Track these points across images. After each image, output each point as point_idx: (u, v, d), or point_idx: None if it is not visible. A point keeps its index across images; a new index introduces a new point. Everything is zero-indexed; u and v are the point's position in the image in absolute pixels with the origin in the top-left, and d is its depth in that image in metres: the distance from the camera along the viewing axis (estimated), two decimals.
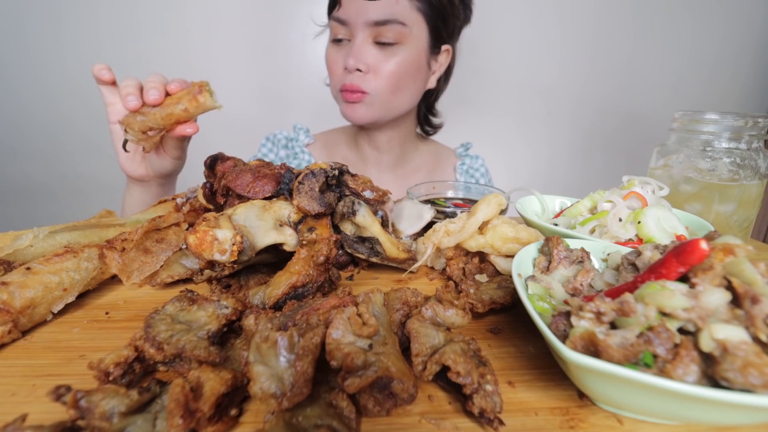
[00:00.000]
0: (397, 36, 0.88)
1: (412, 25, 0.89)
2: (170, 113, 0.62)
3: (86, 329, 0.42)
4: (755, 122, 0.64)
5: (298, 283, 0.42)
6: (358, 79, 0.91)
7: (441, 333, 0.35)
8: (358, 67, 0.89)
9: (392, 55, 0.90)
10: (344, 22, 0.89)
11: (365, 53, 0.89)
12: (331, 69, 0.97)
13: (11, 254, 0.48)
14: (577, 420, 0.31)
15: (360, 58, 0.89)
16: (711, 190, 0.66)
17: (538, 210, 0.68)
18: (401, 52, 0.90)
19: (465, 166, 1.20)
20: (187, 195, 0.64)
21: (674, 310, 0.28)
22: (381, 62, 0.90)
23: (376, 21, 0.86)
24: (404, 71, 0.92)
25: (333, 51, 0.96)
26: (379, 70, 0.90)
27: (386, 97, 0.94)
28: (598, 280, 0.40)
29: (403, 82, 0.94)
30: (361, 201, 0.53)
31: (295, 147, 1.14)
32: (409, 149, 1.15)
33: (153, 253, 0.52)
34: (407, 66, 0.92)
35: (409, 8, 0.88)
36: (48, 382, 0.34)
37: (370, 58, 0.90)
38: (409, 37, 0.90)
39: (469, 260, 0.54)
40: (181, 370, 0.34)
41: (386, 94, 0.93)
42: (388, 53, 0.90)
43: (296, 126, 1.18)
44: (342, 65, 0.92)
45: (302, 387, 0.27)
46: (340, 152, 1.17)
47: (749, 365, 0.25)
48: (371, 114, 0.95)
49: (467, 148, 1.22)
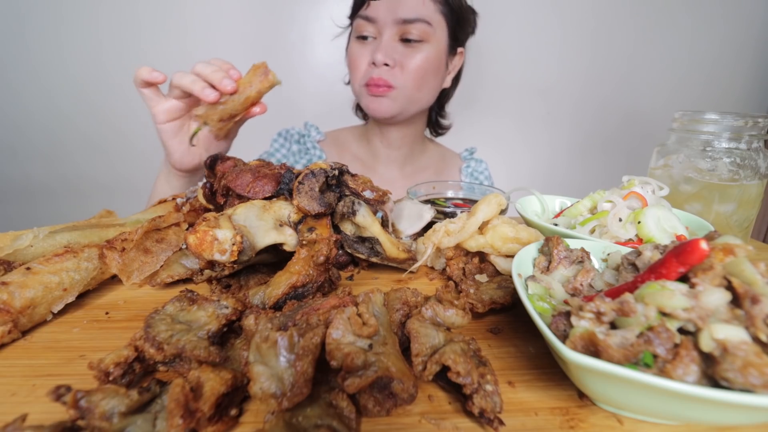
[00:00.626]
0: (422, 34, 0.94)
1: (436, 26, 0.96)
2: (247, 97, 0.66)
3: (86, 329, 0.42)
4: (755, 122, 0.64)
5: (298, 283, 0.42)
6: (386, 74, 0.95)
7: (441, 333, 0.35)
8: (386, 61, 0.94)
9: (418, 51, 0.96)
10: (372, 20, 0.95)
11: (393, 49, 0.95)
12: (355, 65, 1.01)
13: (11, 254, 0.48)
14: (577, 420, 0.31)
15: (388, 53, 0.94)
16: (711, 190, 0.66)
17: (538, 210, 0.68)
18: (426, 49, 0.96)
19: (470, 169, 1.24)
20: (187, 195, 0.64)
21: (674, 310, 0.28)
22: (407, 58, 0.95)
23: (404, 19, 0.92)
24: (428, 67, 0.97)
25: (357, 47, 1.00)
26: (406, 66, 0.95)
27: (411, 92, 0.99)
28: (598, 280, 0.40)
29: (427, 78, 0.99)
30: (361, 201, 0.53)
31: (307, 143, 1.17)
32: (417, 149, 1.20)
33: (153, 253, 0.52)
34: (431, 63, 0.97)
35: (434, 10, 0.95)
36: (48, 382, 0.34)
37: (398, 54, 0.95)
38: (433, 36, 0.96)
39: (469, 260, 0.54)
40: (181, 370, 0.34)
41: (411, 88, 0.98)
42: (414, 50, 0.95)
43: (307, 123, 1.21)
44: (367, 61, 0.98)
45: (302, 387, 0.27)
46: (350, 149, 1.21)
47: (749, 365, 0.25)
48: (395, 107, 0.99)
49: (472, 152, 1.27)
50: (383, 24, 0.94)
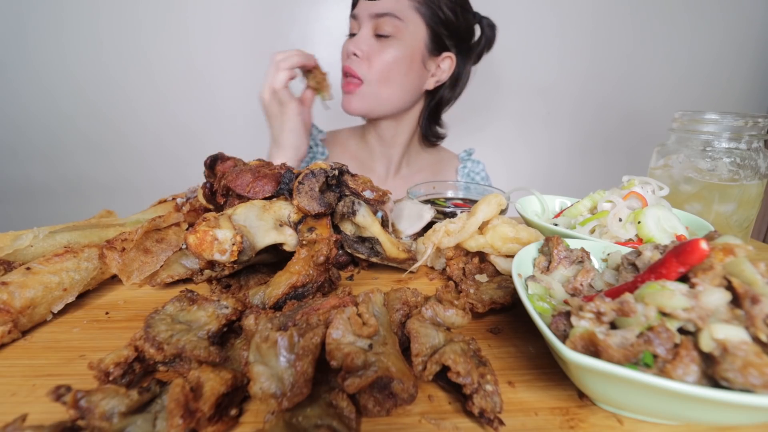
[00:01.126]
0: (393, 29, 0.98)
1: (408, 21, 0.98)
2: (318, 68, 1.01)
3: (86, 329, 0.42)
4: (755, 122, 0.64)
5: (298, 283, 0.42)
6: (355, 64, 1.00)
7: (441, 333, 0.35)
8: (355, 51, 0.99)
9: (387, 46, 0.99)
10: (356, 17, 1.02)
11: (363, 41, 1.00)
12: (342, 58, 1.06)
13: (11, 254, 0.48)
14: (577, 420, 0.31)
15: (358, 44, 0.99)
16: (711, 190, 0.66)
17: (538, 210, 0.68)
18: (396, 44, 0.99)
19: (466, 169, 1.25)
20: (187, 195, 0.64)
21: (674, 310, 0.28)
22: (376, 51, 0.99)
23: (376, 13, 0.97)
24: (396, 63, 1.00)
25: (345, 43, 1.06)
26: (372, 59, 1.00)
27: (376, 87, 1.02)
28: (598, 280, 0.40)
29: (394, 74, 1.01)
30: (361, 201, 0.53)
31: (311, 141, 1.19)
32: (414, 148, 1.22)
33: (153, 253, 0.52)
34: (399, 58, 1.00)
35: (407, 6, 0.98)
36: (48, 382, 0.34)
37: (366, 45, 0.99)
38: (405, 31, 0.98)
39: (469, 260, 0.54)
40: (181, 370, 0.34)
41: (375, 82, 1.01)
42: (384, 44, 0.99)
43: None
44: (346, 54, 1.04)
45: (302, 387, 0.27)
46: (349, 149, 1.24)
47: (749, 365, 0.25)
48: (363, 104, 1.04)
49: (470, 153, 1.28)
50: (362, 19, 1.00)
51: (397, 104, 1.08)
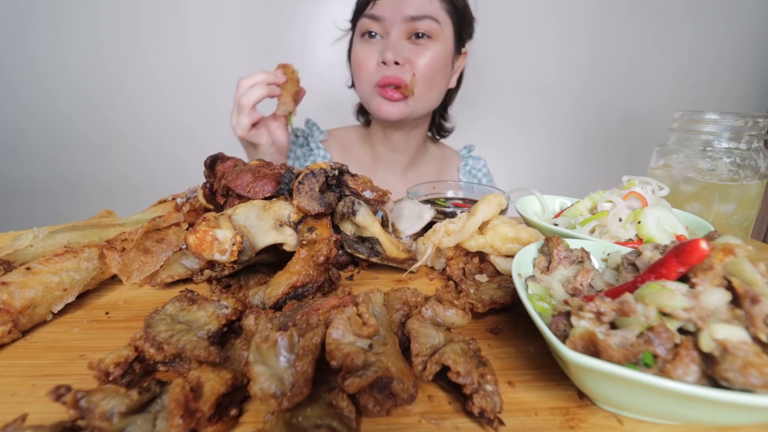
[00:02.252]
0: (430, 31, 0.93)
1: (443, 23, 0.95)
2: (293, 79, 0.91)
3: (86, 329, 0.42)
4: (755, 122, 0.64)
5: (298, 283, 0.42)
6: (398, 72, 0.93)
7: (441, 333, 0.35)
8: (396, 59, 0.91)
9: (426, 49, 0.94)
10: (379, 19, 0.94)
11: (401, 47, 0.93)
12: (362, 65, 0.98)
13: (11, 254, 0.48)
14: (577, 420, 0.31)
15: (397, 51, 0.92)
16: (711, 190, 0.66)
17: (538, 210, 0.68)
18: (434, 46, 0.95)
19: (468, 167, 1.23)
20: (187, 195, 0.64)
21: (674, 310, 0.28)
22: (416, 56, 0.94)
23: (412, 16, 0.91)
24: (437, 65, 0.96)
25: (364, 47, 0.98)
26: (415, 64, 0.94)
27: (422, 91, 0.97)
28: (598, 280, 0.40)
29: (437, 76, 0.98)
30: (361, 201, 0.53)
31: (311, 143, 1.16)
32: (420, 151, 1.18)
33: (153, 253, 0.52)
34: (439, 61, 0.96)
35: (439, 8, 0.94)
36: (48, 382, 0.34)
37: (406, 52, 0.93)
38: (440, 33, 0.95)
39: (469, 260, 0.54)
40: (181, 370, 0.34)
41: (422, 86, 0.96)
42: (423, 48, 0.94)
43: (309, 121, 1.19)
44: (375, 60, 0.95)
45: (302, 387, 0.27)
46: (354, 150, 1.19)
47: (749, 365, 0.25)
48: (405, 110, 0.97)
49: (470, 150, 1.25)
50: (390, 22, 0.93)
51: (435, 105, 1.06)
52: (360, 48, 0.99)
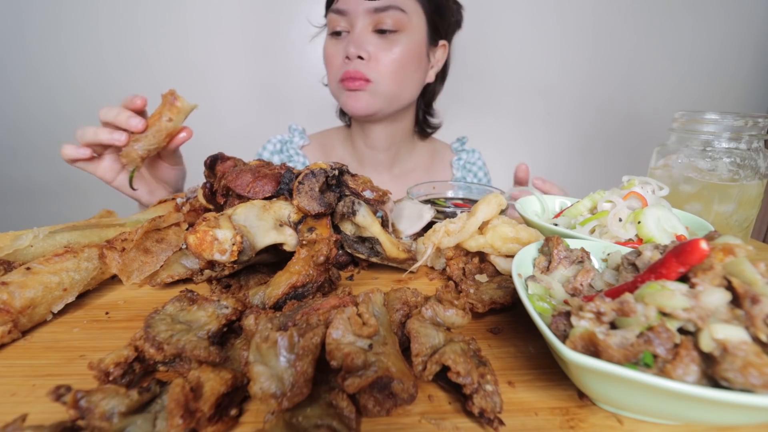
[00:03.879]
0: (396, 23, 0.88)
1: (411, 13, 0.89)
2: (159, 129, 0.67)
3: (86, 329, 0.42)
4: (755, 122, 0.64)
5: (298, 283, 0.42)
6: (361, 67, 0.89)
7: (441, 333, 0.35)
8: (359, 54, 0.88)
9: (393, 42, 0.89)
10: (343, 13, 0.89)
11: (366, 41, 0.89)
12: (330, 62, 0.95)
13: (11, 254, 0.48)
14: (577, 420, 0.31)
15: (361, 45, 0.88)
16: (711, 190, 0.66)
17: (538, 210, 0.68)
18: (402, 39, 0.90)
19: (461, 161, 1.18)
20: (187, 195, 0.64)
21: (674, 310, 0.28)
22: (382, 50, 0.89)
23: (375, 8, 0.86)
24: (406, 59, 0.91)
25: (332, 44, 0.95)
26: (381, 58, 0.89)
27: (389, 86, 0.92)
28: (598, 280, 0.40)
29: (405, 70, 0.93)
30: (361, 201, 0.53)
31: (290, 149, 1.12)
32: (405, 148, 1.14)
33: (153, 253, 0.52)
34: (408, 54, 0.91)
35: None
36: (48, 382, 0.34)
37: (371, 45, 0.89)
38: (409, 24, 0.89)
39: (469, 260, 0.54)
40: (181, 370, 0.34)
41: (388, 82, 0.91)
42: (389, 41, 0.89)
43: (291, 127, 1.16)
44: (342, 56, 0.91)
45: (302, 387, 0.27)
46: (335, 152, 1.15)
47: (749, 365, 0.25)
48: (374, 104, 0.93)
49: (463, 143, 1.20)
50: (354, 15, 0.88)
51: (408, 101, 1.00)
52: (328, 45, 0.96)
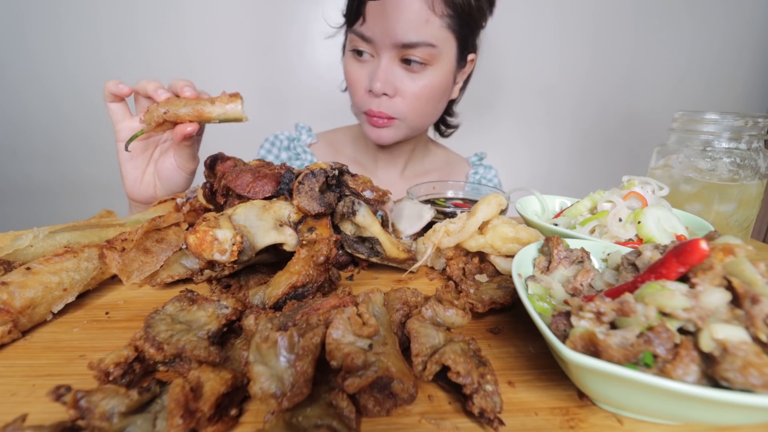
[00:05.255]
0: (425, 57, 0.83)
1: (442, 45, 0.84)
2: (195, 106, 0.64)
3: (86, 329, 0.42)
4: (755, 122, 0.64)
5: (298, 283, 0.42)
6: (385, 105, 0.87)
7: (441, 333, 0.35)
8: (385, 91, 0.85)
9: (420, 78, 0.85)
10: (368, 39, 0.84)
11: (392, 76, 0.85)
12: (354, 86, 0.92)
13: (11, 254, 0.48)
14: (577, 420, 0.31)
15: (387, 82, 0.84)
16: (711, 190, 0.66)
17: (538, 210, 0.68)
18: (429, 74, 0.86)
19: (478, 175, 1.17)
20: (187, 195, 0.64)
21: (674, 310, 0.28)
22: (408, 85, 0.86)
23: (404, 43, 0.80)
24: (432, 94, 0.89)
25: (354, 66, 0.90)
26: (406, 94, 0.86)
27: (413, 121, 0.92)
28: (598, 280, 0.40)
29: (431, 104, 0.91)
30: (361, 201, 0.53)
31: (297, 147, 1.11)
32: (419, 153, 1.13)
33: (153, 253, 0.52)
34: (435, 89, 0.88)
35: (439, 26, 0.81)
36: (48, 382, 0.34)
37: (398, 81, 0.85)
38: (438, 57, 0.85)
39: (469, 260, 0.54)
40: (181, 370, 0.34)
41: (413, 117, 0.91)
42: (416, 76, 0.85)
43: (298, 125, 1.15)
44: (365, 86, 0.88)
45: (302, 387, 0.27)
46: (345, 152, 1.14)
47: (749, 365, 0.25)
48: (397, 135, 0.94)
49: (481, 157, 1.20)
50: (380, 46, 0.83)
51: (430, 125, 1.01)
52: (350, 64, 0.91)
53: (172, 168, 0.72)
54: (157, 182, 0.74)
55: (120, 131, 0.69)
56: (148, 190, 0.73)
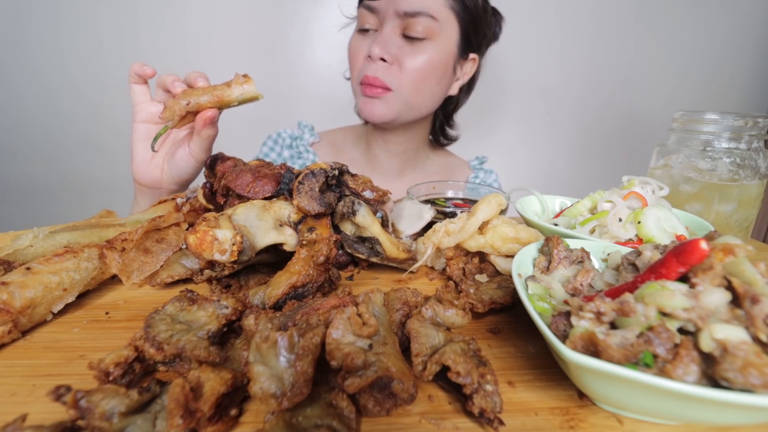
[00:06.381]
0: (426, 30, 0.84)
1: (443, 22, 0.85)
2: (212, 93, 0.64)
3: (86, 329, 0.42)
4: (755, 122, 0.64)
5: (298, 283, 0.42)
6: (382, 71, 0.87)
7: (441, 333, 0.35)
8: (382, 56, 0.85)
9: (420, 50, 0.86)
10: (374, 10, 0.87)
11: (392, 43, 0.85)
12: (353, 58, 0.93)
13: (11, 254, 0.48)
14: (577, 420, 0.31)
15: (386, 47, 0.85)
16: (711, 190, 0.66)
17: (538, 210, 0.68)
18: (429, 48, 0.86)
19: (478, 179, 1.17)
20: (187, 195, 0.64)
21: (674, 310, 0.28)
22: (407, 56, 0.86)
23: (406, 12, 0.83)
24: (430, 70, 0.88)
25: (357, 40, 0.92)
26: (404, 64, 0.86)
27: (408, 96, 0.90)
28: (598, 280, 0.40)
29: (428, 81, 0.90)
30: (361, 201, 0.53)
31: (300, 146, 1.11)
32: (420, 155, 1.13)
33: (153, 253, 0.52)
34: (434, 65, 0.88)
35: (442, 3, 0.84)
36: (48, 382, 0.34)
37: (396, 48, 0.86)
38: (439, 33, 0.86)
39: (469, 260, 0.54)
40: (181, 370, 0.34)
41: (409, 91, 0.89)
42: (416, 48, 0.86)
43: (301, 123, 1.15)
44: (365, 54, 0.89)
45: (302, 387, 0.27)
46: (347, 152, 1.14)
47: (749, 365, 0.25)
48: (389, 112, 0.91)
49: (482, 161, 1.20)
50: (384, 15, 0.86)
51: (425, 113, 0.98)
52: (354, 40, 0.93)
53: (186, 155, 0.73)
54: (165, 166, 0.74)
55: (138, 112, 0.73)
56: (154, 172, 0.75)
